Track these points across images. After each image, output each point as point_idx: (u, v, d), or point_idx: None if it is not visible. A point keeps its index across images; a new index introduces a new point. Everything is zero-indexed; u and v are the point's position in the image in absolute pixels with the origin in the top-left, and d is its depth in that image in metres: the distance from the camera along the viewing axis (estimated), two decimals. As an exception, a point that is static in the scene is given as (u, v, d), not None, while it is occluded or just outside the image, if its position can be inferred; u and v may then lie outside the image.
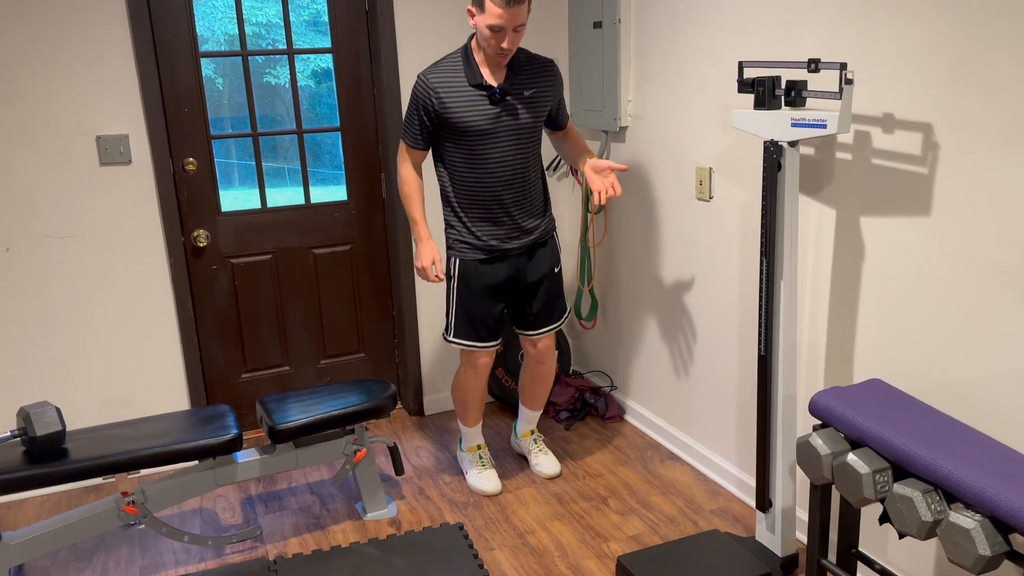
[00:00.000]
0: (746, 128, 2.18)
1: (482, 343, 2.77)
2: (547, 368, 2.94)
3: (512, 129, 2.58)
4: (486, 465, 3.00)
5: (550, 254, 2.78)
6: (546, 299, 2.80)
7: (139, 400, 3.16)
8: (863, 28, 2.11)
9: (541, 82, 2.62)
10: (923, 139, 2.00)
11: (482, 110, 2.53)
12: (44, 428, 2.28)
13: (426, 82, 2.53)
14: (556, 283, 2.82)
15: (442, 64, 2.56)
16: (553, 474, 3.01)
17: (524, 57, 2.61)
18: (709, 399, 2.96)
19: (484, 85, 2.52)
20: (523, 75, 2.58)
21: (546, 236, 2.77)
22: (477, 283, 2.70)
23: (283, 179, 3.44)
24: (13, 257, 2.89)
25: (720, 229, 2.76)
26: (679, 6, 2.80)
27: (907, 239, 2.08)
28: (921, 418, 1.87)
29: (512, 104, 2.56)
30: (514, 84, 2.56)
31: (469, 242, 2.68)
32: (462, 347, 2.77)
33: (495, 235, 2.67)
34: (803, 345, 2.47)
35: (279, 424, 2.56)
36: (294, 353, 3.48)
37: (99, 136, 2.91)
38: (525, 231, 2.70)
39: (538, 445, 3.09)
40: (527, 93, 2.58)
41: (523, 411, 3.07)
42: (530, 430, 3.11)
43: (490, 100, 2.53)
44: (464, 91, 2.52)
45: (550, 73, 2.64)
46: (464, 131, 2.54)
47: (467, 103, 2.52)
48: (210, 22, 3.11)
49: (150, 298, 3.10)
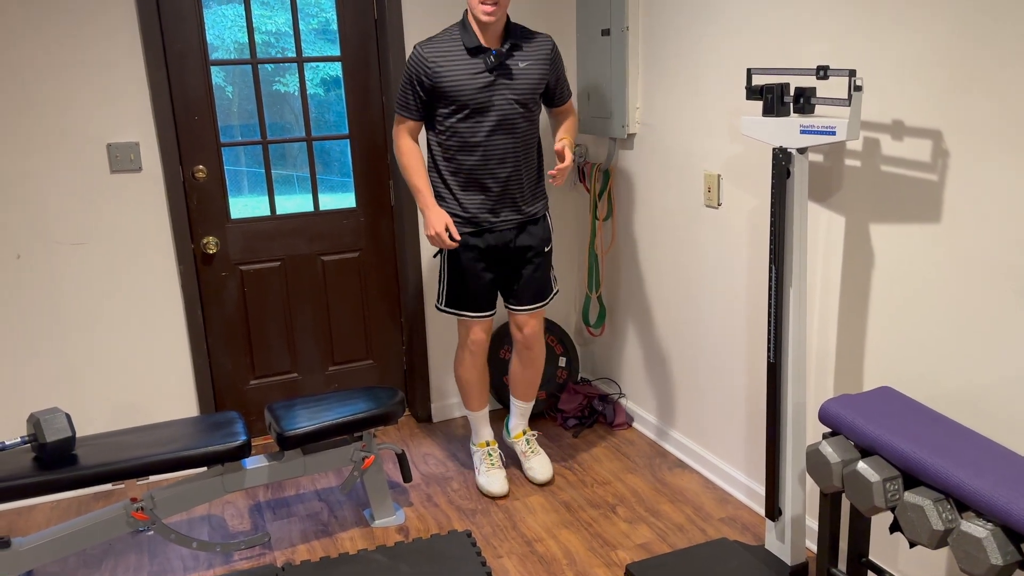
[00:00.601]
0: (755, 135, 2.18)
1: (473, 312, 2.80)
2: (535, 354, 2.93)
3: (506, 99, 2.60)
4: (495, 464, 2.99)
5: (541, 232, 2.80)
6: (533, 275, 2.81)
7: (148, 406, 3.17)
8: (871, 35, 2.11)
9: (536, 55, 2.64)
10: (932, 146, 1.99)
11: (475, 76, 2.56)
12: (54, 434, 2.29)
13: (420, 52, 2.57)
14: (544, 262, 2.83)
15: (438, 36, 2.62)
16: (544, 480, 2.98)
17: (521, 31, 2.66)
18: (718, 406, 2.95)
19: (481, 48, 2.55)
20: (521, 48, 2.62)
21: (538, 215, 2.79)
22: (467, 255, 2.74)
23: (292, 186, 3.45)
24: (24, 264, 2.90)
25: (729, 236, 2.76)
26: (687, 14, 2.81)
27: (917, 245, 2.08)
28: (932, 426, 1.86)
29: (507, 72, 2.58)
30: (510, 53, 2.59)
31: (459, 215, 2.72)
32: (454, 315, 2.82)
33: (485, 208, 2.69)
34: (812, 352, 2.46)
35: (287, 431, 2.56)
36: (302, 360, 3.48)
37: (110, 144, 2.93)
38: (516, 207, 2.72)
39: (531, 446, 3.07)
40: (522, 64, 2.61)
41: (514, 404, 3.06)
42: (523, 430, 3.09)
43: (485, 66, 2.56)
44: (459, 58, 2.56)
45: (546, 47, 2.68)
46: (456, 98, 2.57)
47: (461, 70, 2.56)
48: (220, 31, 3.13)
49: (159, 305, 3.11)
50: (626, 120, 3.17)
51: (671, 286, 3.12)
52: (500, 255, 2.77)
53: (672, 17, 2.89)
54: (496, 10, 2.49)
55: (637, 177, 3.23)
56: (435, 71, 2.55)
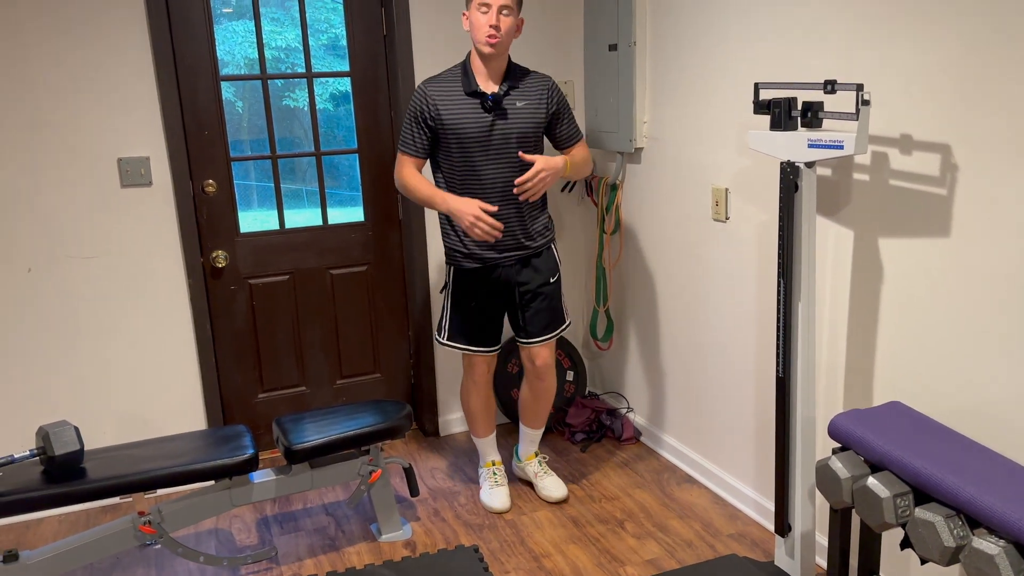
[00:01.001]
0: (762, 149, 2.18)
1: (474, 346, 2.80)
2: (547, 385, 2.92)
3: (505, 138, 2.62)
4: (499, 482, 2.99)
5: (546, 265, 2.79)
6: (541, 309, 2.80)
7: (156, 419, 3.18)
8: (879, 48, 2.11)
9: (533, 94, 2.67)
10: (941, 159, 1.99)
11: (475, 117, 2.61)
12: (63, 447, 2.29)
13: (423, 91, 2.63)
14: (553, 294, 2.82)
15: (440, 75, 2.67)
16: (560, 497, 2.97)
17: (520, 71, 2.70)
18: (727, 421, 2.93)
19: (478, 92, 2.60)
20: (518, 87, 2.65)
21: (542, 248, 2.78)
22: (471, 290, 2.75)
23: (301, 200, 3.47)
24: (35, 277, 2.92)
25: (737, 250, 2.76)
26: (694, 28, 2.82)
27: (926, 259, 2.07)
28: (942, 441, 1.85)
29: (504, 113, 2.61)
30: (508, 94, 2.63)
31: (461, 251, 2.73)
32: (453, 348, 2.82)
33: (487, 244, 2.70)
34: (822, 367, 2.45)
35: (295, 444, 2.56)
36: (310, 373, 3.49)
37: (120, 158, 2.95)
38: (519, 243, 2.73)
39: (543, 467, 3.06)
40: (520, 104, 2.64)
41: (524, 431, 3.05)
42: (534, 452, 3.08)
43: (483, 107, 2.59)
44: (459, 99, 2.61)
45: (544, 87, 2.69)
46: (457, 138, 2.61)
47: (461, 110, 2.61)
48: (230, 46, 3.16)
49: (169, 318, 3.12)
50: (633, 134, 3.18)
51: (679, 300, 3.11)
52: (505, 290, 2.77)
53: (679, 32, 2.90)
54: (499, 43, 2.54)
55: (645, 191, 3.23)
56: (437, 109, 2.61)
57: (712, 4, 2.71)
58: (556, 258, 2.84)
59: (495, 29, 2.52)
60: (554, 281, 2.82)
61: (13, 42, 2.75)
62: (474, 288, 2.75)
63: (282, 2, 3.19)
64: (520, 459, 3.11)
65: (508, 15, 2.54)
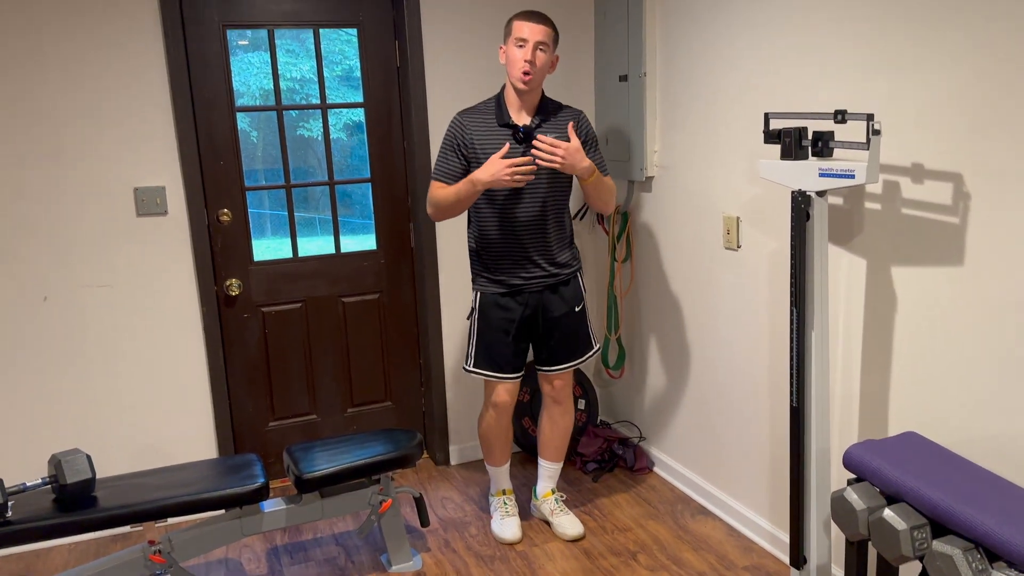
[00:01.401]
0: (773, 178, 2.18)
1: (500, 374, 2.80)
2: (564, 408, 2.93)
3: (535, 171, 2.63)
4: (509, 512, 2.97)
5: (572, 292, 2.81)
6: (566, 337, 2.82)
7: (168, 447, 3.18)
8: (888, 78, 2.12)
9: (563, 127, 2.71)
10: (953, 189, 1.98)
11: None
12: (74, 476, 2.30)
13: (459, 120, 2.70)
14: (577, 321, 2.83)
15: (476, 106, 2.74)
16: (576, 535, 2.92)
17: (553, 105, 2.74)
18: (740, 451, 2.91)
19: (510, 124, 2.65)
20: (550, 120, 2.70)
21: (568, 276, 2.79)
22: (496, 316, 2.76)
23: (314, 228, 3.50)
24: (51, 305, 2.95)
25: (749, 278, 2.75)
26: (703, 58, 2.84)
27: (940, 288, 2.06)
28: (959, 472, 1.82)
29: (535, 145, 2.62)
30: (539, 126, 2.68)
31: (489, 277, 2.76)
32: (480, 376, 2.82)
33: (514, 273, 2.73)
34: (836, 397, 2.43)
35: (306, 473, 2.56)
36: (321, 401, 3.49)
37: (137, 188, 2.99)
38: (545, 271, 2.75)
39: (559, 505, 3.01)
40: (551, 136, 2.66)
41: (542, 465, 3.03)
42: (550, 489, 3.04)
43: (515, 138, 2.64)
44: (491, 130, 2.67)
45: (575, 119, 2.73)
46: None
47: (493, 140, 2.66)
48: (246, 77, 3.21)
49: (182, 346, 3.14)
50: (644, 163, 3.19)
51: (691, 328, 3.10)
52: (530, 317, 2.79)
53: (689, 62, 2.92)
54: (532, 79, 2.59)
55: (656, 219, 3.24)
56: (471, 139, 2.67)
57: (721, 35, 2.73)
58: (581, 287, 2.85)
59: (530, 64, 2.56)
60: (579, 310, 2.83)
61: (32, 72, 2.80)
62: (499, 314, 2.76)
63: (297, 34, 3.24)
64: (537, 496, 3.07)
65: (544, 51, 2.58)
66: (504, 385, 2.82)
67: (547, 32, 2.58)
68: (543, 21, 2.58)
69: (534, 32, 2.56)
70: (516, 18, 2.59)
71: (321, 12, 3.21)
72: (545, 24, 2.58)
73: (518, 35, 2.57)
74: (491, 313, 2.77)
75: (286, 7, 3.16)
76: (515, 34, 2.58)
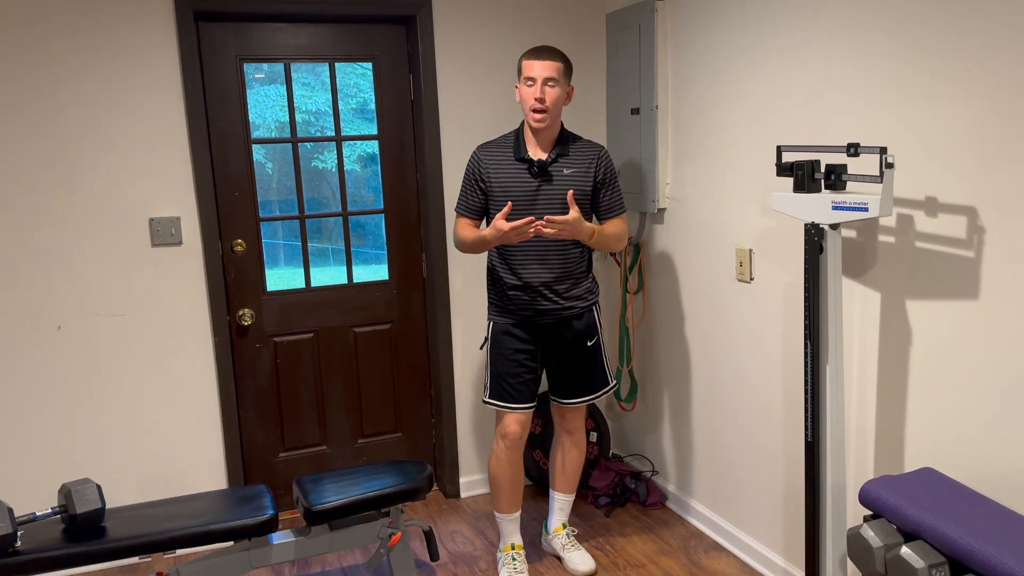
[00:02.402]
0: (786, 211, 2.18)
1: (511, 404, 2.76)
2: (576, 439, 2.90)
3: (550, 203, 2.66)
4: (517, 569, 2.87)
5: (586, 326, 2.78)
6: (579, 370, 2.80)
7: (178, 477, 3.17)
8: (901, 110, 2.12)
9: (584, 162, 2.70)
10: (967, 222, 1.98)
11: (522, 182, 2.66)
12: (84, 506, 2.29)
13: (477, 155, 2.73)
14: (591, 356, 2.81)
15: (496, 140, 2.76)
16: (588, 572, 2.87)
17: (572, 139, 2.74)
18: (754, 486, 2.87)
19: (526, 158, 2.66)
20: (568, 154, 2.70)
21: (583, 309, 2.77)
22: (508, 347, 2.75)
23: (326, 258, 3.51)
24: (64, 335, 2.96)
25: (762, 311, 2.73)
26: (715, 92, 2.85)
27: (956, 322, 2.04)
28: (978, 509, 1.79)
29: (551, 179, 2.65)
30: (556, 161, 2.67)
31: (502, 307, 2.76)
32: (494, 407, 2.80)
33: (527, 305, 2.72)
34: (851, 431, 2.40)
35: (315, 505, 2.54)
36: (331, 432, 3.47)
37: (152, 218, 3.01)
38: (557, 303, 2.73)
39: (570, 540, 2.96)
40: (567, 171, 2.67)
41: (554, 497, 2.99)
42: (562, 523, 3.00)
43: (530, 173, 2.64)
44: (508, 164, 2.69)
45: (593, 155, 2.72)
46: (503, 199, 2.66)
47: (509, 175, 2.68)
48: (261, 110, 3.25)
49: (194, 376, 3.14)
50: (656, 195, 3.20)
51: (703, 361, 3.08)
52: (541, 349, 2.78)
53: (701, 95, 2.94)
54: (545, 117, 2.60)
55: (668, 251, 3.24)
56: (488, 173, 2.70)
57: (732, 68, 2.75)
58: (597, 321, 2.83)
59: (540, 102, 2.58)
60: (592, 344, 2.81)
61: (51, 104, 2.85)
62: (510, 344, 2.75)
63: (312, 68, 3.29)
64: (548, 531, 3.03)
65: (554, 86, 2.59)
66: (514, 415, 2.78)
67: (556, 67, 2.58)
68: (551, 56, 2.58)
69: (543, 69, 2.57)
70: (524, 56, 2.61)
71: (337, 46, 3.25)
72: (553, 59, 2.58)
73: (527, 74, 2.59)
74: (503, 343, 2.76)
75: (302, 41, 3.21)
76: (524, 73, 2.60)
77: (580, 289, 2.77)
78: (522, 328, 2.75)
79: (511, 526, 2.91)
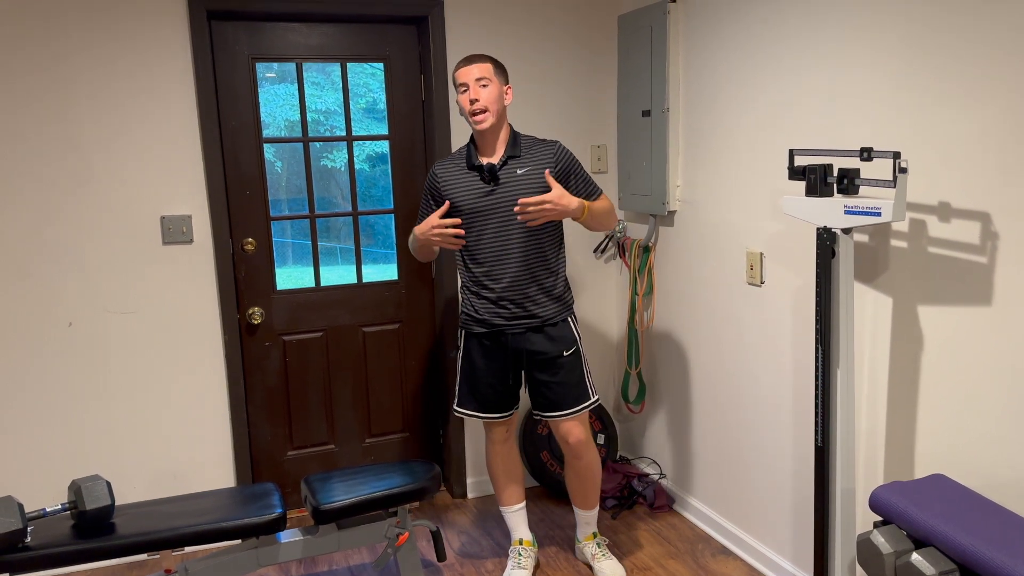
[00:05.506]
0: (798, 215, 2.17)
1: (485, 413, 2.76)
2: (585, 463, 2.80)
3: (505, 206, 2.63)
4: (522, 564, 2.87)
5: (559, 336, 2.70)
6: (556, 382, 2.70)
7: (187, 474, 3.18)
8: (915, 115, 2.12)
9: (538, 160, 2.66)
10: (981, 228, 1.97)
11: (475, 189, 2.66)
12: (94, 502, 2.30)
13: (433, 171, 2.76)
14: (567, 367, 2.70)
15: (451, 155, 2.78)
16: None
17: (525, 141, 2.71)
18: (763, 490, 2.86)
19: (475, 165, 2.65)
20: (519, 155, 2.67)
21: (556, 319, 2.71)
22: (478, 356, 2.74)
23: (335, 258, 3.52)
24: (75, 332, 2.98)
25: (772, 314, 2.73)
26: (726, 94, 2.85)
27: (968, 328, 2.03)
28: (989, 516, 1.78)
29: (504, 182, 2.63)
30: (507, 163, 2.65)
31: (474, 316, 2.73)
32: (465, 416, 2.81)
33: (495, 313, 2.69)
34: (861, 436, 2.39)
35: (323, 504, 2.54)
36: (340, 431, 3.48)
37: (163, 216, 3.02)
38: (527, 310, 2.68)
39: (601, 549, 2.91)
40: (520, 172, 2.64)
41: (576, 512, 2.95)
42: (592, 532, 2.95)
43: (482, 179, 2.64)
44: (461, 173, 2.69)
45: (548, 152, 2.67)
46: (459, 210, 2.67)
47: (461, 184, 2.68)
48: (272, 108, 3.26)
49: (203, 374, 3.15)
50: (666, 197, 3.19)
51: (713, 364, 3.07)
52: (514, 358, 2.72)
53: (712, 98, 2.93)
54: (486, 116, 2.59)
55: (678, 254, 3.23)
56: (443, 185, 2.70)
57: (744, 70, 2.74)
58: (574, 331, 2.74)
59: (473, 103, 2.58)
60: (569, 354, 2.70)
61: (62, 102, 2.86)
62: (481, 353, 2.72)
63: (323, 67, 3.29)
64: (579, 539, 2.98)
65: (487, 85, 2.58)
66: (493, 424, 2.81)
67: (484, 67, 2.58)
68: (479, 59, 2.59)
69: (470, 73, 2.57)
70: (455, 69, 2.63)
71: (349, 46, 3.26)
72: (481, 61, 2.59)
73: (460, 81, 2.59)
74: (473, 353, 2.74)
75: (313, 42, 3.21)
76: (458, 81, 2.60)
77: (549, 297, 2.70)
78: (492, 338, 2.71)
79: (514, 518, 2.91)
